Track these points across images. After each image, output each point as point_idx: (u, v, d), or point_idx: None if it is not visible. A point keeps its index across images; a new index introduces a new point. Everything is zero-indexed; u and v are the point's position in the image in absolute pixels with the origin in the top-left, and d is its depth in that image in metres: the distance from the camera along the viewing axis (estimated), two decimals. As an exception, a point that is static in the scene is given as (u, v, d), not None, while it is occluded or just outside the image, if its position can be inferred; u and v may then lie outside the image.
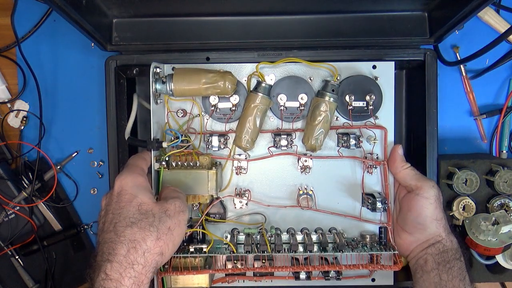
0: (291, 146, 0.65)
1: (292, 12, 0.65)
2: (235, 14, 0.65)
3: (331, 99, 0.61)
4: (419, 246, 0.60)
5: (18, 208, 0.69)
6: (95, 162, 0.74)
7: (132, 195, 0.51)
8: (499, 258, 0.66)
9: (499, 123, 0.72)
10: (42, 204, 0.71)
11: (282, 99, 0.64)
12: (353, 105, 0.64)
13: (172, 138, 0.61)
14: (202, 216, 0.63)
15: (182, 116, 0.65)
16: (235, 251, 0.61)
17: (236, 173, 0.66)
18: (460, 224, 0.66)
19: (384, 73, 0.65)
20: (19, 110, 0.73)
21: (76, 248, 0.74)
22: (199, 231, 0.63)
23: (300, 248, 0.62)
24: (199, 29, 0.66)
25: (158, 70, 0.62)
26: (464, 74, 0.72)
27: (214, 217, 0.65)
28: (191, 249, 0.61)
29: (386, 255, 0.64)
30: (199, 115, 0.66)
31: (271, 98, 0.62)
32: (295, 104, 0.64)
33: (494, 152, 0.73)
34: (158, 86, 0.60)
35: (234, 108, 0.63)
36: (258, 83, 0.62)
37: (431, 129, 0.64)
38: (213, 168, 0.61)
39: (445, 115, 0.72)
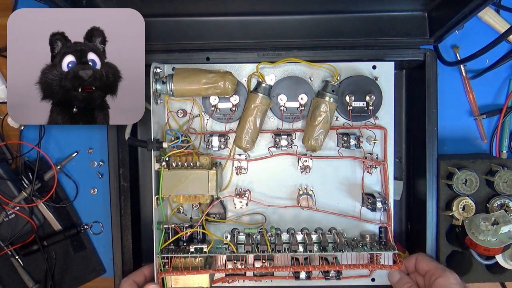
0: (291, 146, 0.65)
1: (292, 12, 0.65)
2: (235, 14, 0.65)
3: (331, 99, 0.61)
4: None
5: (18, 208, 0.69)
6: (95, 162, 0.74)
7: None
8: (499, 258, 0.66)
9: (499, 123, 0.72)
10: (42, 204, 0.71)
11: (282, 99, 0.64)
12: (353, 105, 0.64)
13: (172, 138, 0.61)
14: (202, 216, 0.63)
15: (182, 116, 0.65)
16: (235, 251, 0.61)
17: (236, 173, 0.66)
18: (460, 224, 0.66)
19: (384, 73, 0.65)
20: (19, 110, 0.73)
21: (76, 248, 0.73)
22: (199, 231, 0.63)
23: (300, 248, 0.62)
24: (199, 29, 0.66)
25: (158, 70, 0.62)
26: (464, 74, 0.72)
27: (214, 217, 0.66)
28: (192, 249, 0.61)
29: (386, 255, 0.64)
30: (199, 115, 0.66)
31: (271, 98, 0.63)
32: (295, 104, 0.64)
33: (494, 152, 0.73)
34: (158, 86, 0.60)
35: (234, 108, 0.63)
36: (258, 83, 0.62)
37: (431, 129, 0.64)
38: (213, 168, 0.61)
39: (445, 115, 0.72)
